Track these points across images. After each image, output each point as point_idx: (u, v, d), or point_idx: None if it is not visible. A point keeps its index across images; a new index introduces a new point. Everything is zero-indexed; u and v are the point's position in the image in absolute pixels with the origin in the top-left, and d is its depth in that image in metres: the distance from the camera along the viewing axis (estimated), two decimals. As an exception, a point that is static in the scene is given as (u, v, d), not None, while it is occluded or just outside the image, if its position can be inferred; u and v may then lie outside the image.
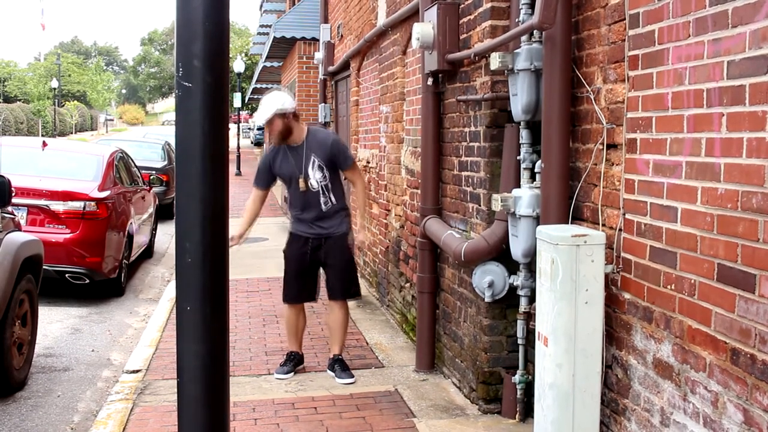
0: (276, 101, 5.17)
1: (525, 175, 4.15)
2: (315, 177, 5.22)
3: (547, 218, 3.80)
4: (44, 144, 9.16)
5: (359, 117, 9.00)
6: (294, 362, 5.42)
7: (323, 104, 11.59)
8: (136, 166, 10.87)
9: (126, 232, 8.65)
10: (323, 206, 5.27)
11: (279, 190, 20.05)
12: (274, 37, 13.57)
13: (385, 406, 4.78)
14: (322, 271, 5.42)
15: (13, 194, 5.48)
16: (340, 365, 5.31)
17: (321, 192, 5.26)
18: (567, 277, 3.27)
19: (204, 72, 1.86)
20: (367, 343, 6.17)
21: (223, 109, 1.91)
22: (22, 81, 70.08)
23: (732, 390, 2.66)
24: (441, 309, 5.43)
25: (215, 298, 1.93)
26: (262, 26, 19.52)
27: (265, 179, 5.46)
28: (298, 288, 5.41)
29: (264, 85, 24.01)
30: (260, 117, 5.23)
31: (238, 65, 29.36)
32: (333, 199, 5.29)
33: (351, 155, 5.51)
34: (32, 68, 76.90)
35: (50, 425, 4.75)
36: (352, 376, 5.24)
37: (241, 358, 5.75)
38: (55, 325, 7.10)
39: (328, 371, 5.35)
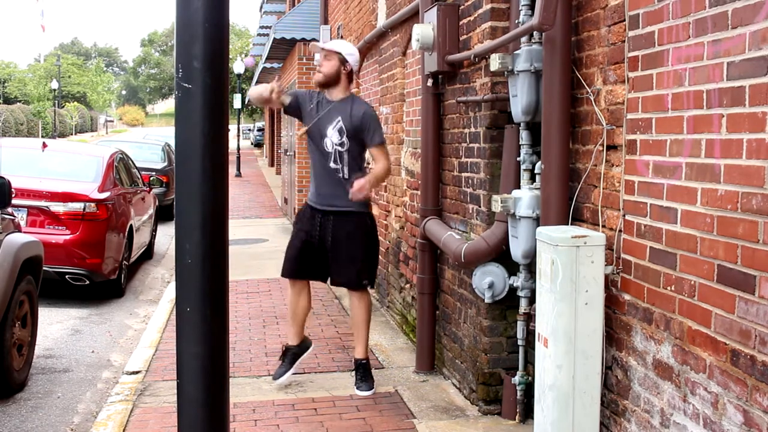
0: (347, 47, 5.01)
1: (525, 177, 4.15)
2: (332, 139, 4.88)
3: (547, 219, 3.80)
4: (44, 145, 9.16)
5: (359, 118, 8.99)
6: (290, 358, 5.12)
7: (323, 105, 11.57)
8: (136, 167, 10.87)
9: (126, 234, 8.65)
10: (335, 174, 4.91)
11: (278, 190, 20.04)
12: (274, 38, 13.57)
13: (385, 407, 4.78)
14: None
15: (13, 195, 5.48)
16: (361, 372, 5.05)
17: (334, 157, 4.90)
18: (567, 279, 3.27)
19: (204, 73, 1.86)
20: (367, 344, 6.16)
21: (223, 111, 1.91)
22: (22, 82, 70.15)
23: (732, 391, 2.66)
24: (441, 310, 5.43)
25: (215, 300, 1.93)
26: (262, 27, 19.52)
27: (290, 103, 5.04)
28: (299, 261, 4.99)
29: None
30: (329, 42, 5.05)
31: (238, 66, 29.38)
32: (346, 171, 4.91)
33: (382, 134, 5.01)
34: (32, 69, 76.98)
35: (50, 426, 4.75)
36: (371, 388, 4.99)
37: (241, 359, 5.75)
38: (55, 326, 7.10)
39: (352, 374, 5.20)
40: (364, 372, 5.09)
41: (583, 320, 3.29)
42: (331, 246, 4.98)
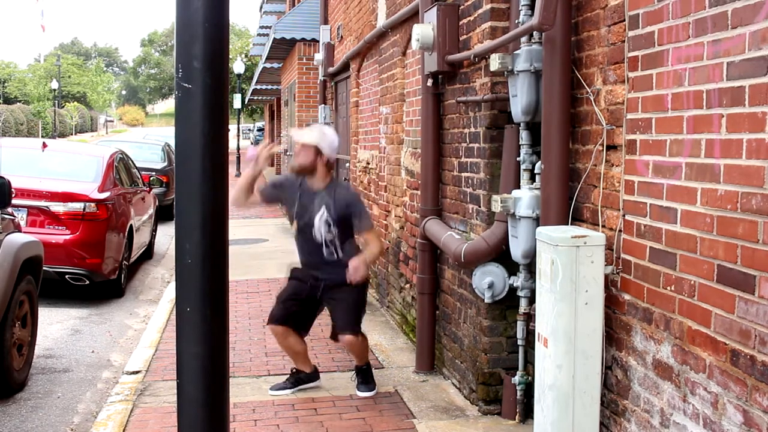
0: (324, 137, 4.87)
1: (525, 176, 4.15)
2: (320, 229, 4.83)
3: (546, 219, 3.80)
4: (44, 145, 9.16)
5: (359, 118, 9.00)
6: (295, 381, 5.08)
7: (323, 105, 11.59)
8: (136, 167, 10.87)
9: (126, 234, 8.65)
10: (325, 255, 4.87)
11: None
12: (274, 38, 13.58)
13: (385, 407, 4.78)
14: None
15: (13, 195, 5.48)
16: (362, 375, 5.06)
17: (324, 244, 4.86)
18: (567, 278, 3.27)
19: (204, 73, 1.87)
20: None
21: (223, 111, 1.91)
22: (22, 82, 70.10)
23: (732, 391, 2.66)
24: (441, 310, 5.43)
25: (215, 300, 1.93)
26: (262, 27, 19.52)
27: (269, 194, 5.02)
28: (285, 309, 4.97)
29: (264, 86, 24.02)
30: (301, 135, 4.91)
31: (238, 66, 29.37)
32: (339, 252, 4.87)
33: (369, 218, 5.02)
34: (32, 69, 76.93)
35: (50, 426, 4.75)
36: (372, 389, 5.02)
37: (241, 359, 5.75)
38: (55, 326, 7.10)
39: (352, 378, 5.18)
40: (365, 375, 5.08)
41: (583, 320, 3.30)
42: (331, 301, 4.96)
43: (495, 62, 4.13)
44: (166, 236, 12.51)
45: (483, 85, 4.58)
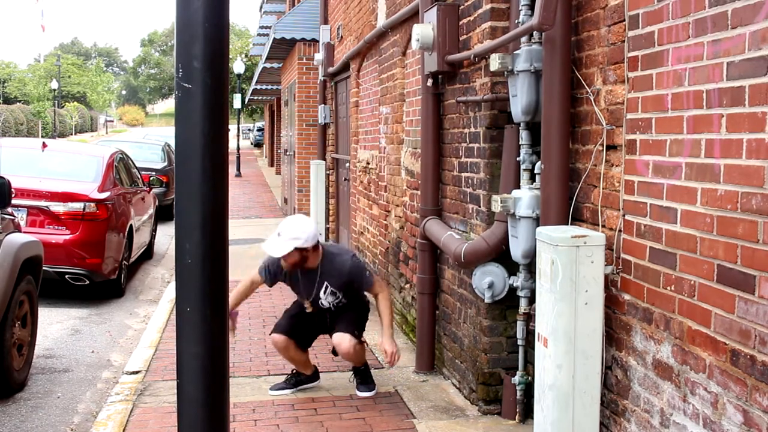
0: (297, 234, 4.64)
1: (525, 176, 4.15)
2: (327, 300, 4.93)
3: (546, 219, 3.80)
4: (44, 145, 9.16)
5: (359, 118, 9.00)
6: (295, 382, 5.10)
7: (323, 105, 11.60)
8: (136, 167, 10.87)
9: (126, 233, 8.65)
10: (333, 309, 5.00)
11: (278, 190, 20.07)
12: (274, 38, 13.56)
13: (385, 407, 4.78)
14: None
15: (13, 195, 5.48)
16: (360, 376, 5.07)
17: (330, 308, 4.99)
18: (567, 278, 3.27)
19: (204, 73, 1.86)
20: (367, 345, 6.16)
21: (223, 111, 1.91)
22: (22, 82, 70.07)
23: (732, 391, 2.66)
24: (441, 310, 5.43)
25: (215, 300, 1.93)
26: (262, 27, 19.51)
27: (270, 279, 5.03)
28: (291, 323, 5.04)
29: (264, 86, 24.01)
30: (277, 249, 4.69)
31: (238, 66, 29.36)
32: (344, 300, 4.99)
33: (369, 275, 4.99)
34: (32, 69, 76.91)
35: (50, 426, 4.75)
36: (372, 389, 5.02)
37: (240, 359, 5.75)
38: (55, 326, 7.10)
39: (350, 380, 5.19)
40: (363, 375, 5.08)
41: (583, 320, 3.30)
42: (336, 319, 5.01)
43: (495, 62, 4.13)
44: (166, 236, 12.51)
45: (483, 85, 4.58)
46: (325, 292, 4.89)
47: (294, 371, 5.12)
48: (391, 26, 6.75)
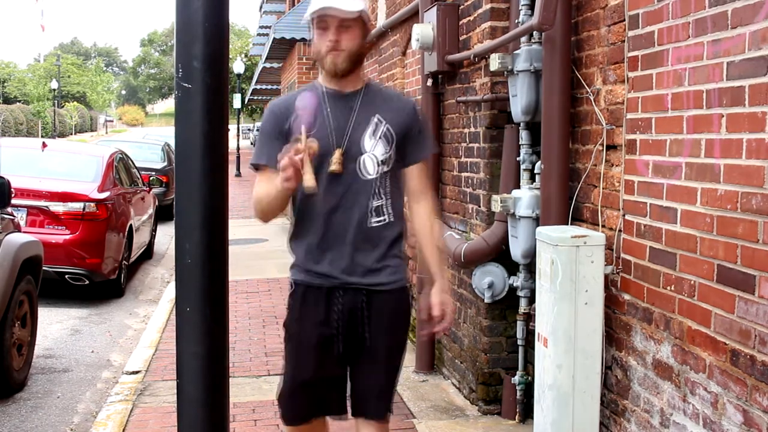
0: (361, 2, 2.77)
1: (525, 176, 4.15)
2: (372, 152, 2.74)
3: (546, 219, 3.80)
4: (44, 145, 9.16)
5: (359, 118, 8.99)
6: None
7: (323, 105, 11.56)
8: (136, 167, 10.87)
9: (126, 233, 8.65)
10: (371, 220, 2.75)
11: (279, 191, 19.95)
12: (274, 38, 13.56)
13: (384, 407, 4.77)
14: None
15: (13, 195, 5.48)
16: None
17: (374, 187, 2.75)
18: (567, 278, 3.27)
19: (204, 73, 1.86)
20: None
21: (223, 111, 1.91)
22: (22, 82, 70.05)
23: (732, 391, 2.66)
24: (441, 310, 5.42)
25: (215, 300, 1.93)
26: (261, 27, 19.52)
27: (275, 148, 2.68)
28: (308, 397, 2.86)
29: (264, 86, 24.01)
30: (343, 2, 2.69)
31: (237, 66, 29.36)
32: (390, 210, 2.79)
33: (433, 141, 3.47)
34: (32, 69, 76.93)
35: (50, 426, 4.74)
36: None
37: (240, 359, 5.75)
38: (55, 326, 7.10)
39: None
40: None
41: (583, 320, 3.30)
42: (365, 351, 2.87)
43: (495, 62, 4.13)
44: (166, 236, 12.50)
45: (483, 85, 4.58)
46: (374, 133, 2.76)
47: None
48: (391, 26, 6.75)
